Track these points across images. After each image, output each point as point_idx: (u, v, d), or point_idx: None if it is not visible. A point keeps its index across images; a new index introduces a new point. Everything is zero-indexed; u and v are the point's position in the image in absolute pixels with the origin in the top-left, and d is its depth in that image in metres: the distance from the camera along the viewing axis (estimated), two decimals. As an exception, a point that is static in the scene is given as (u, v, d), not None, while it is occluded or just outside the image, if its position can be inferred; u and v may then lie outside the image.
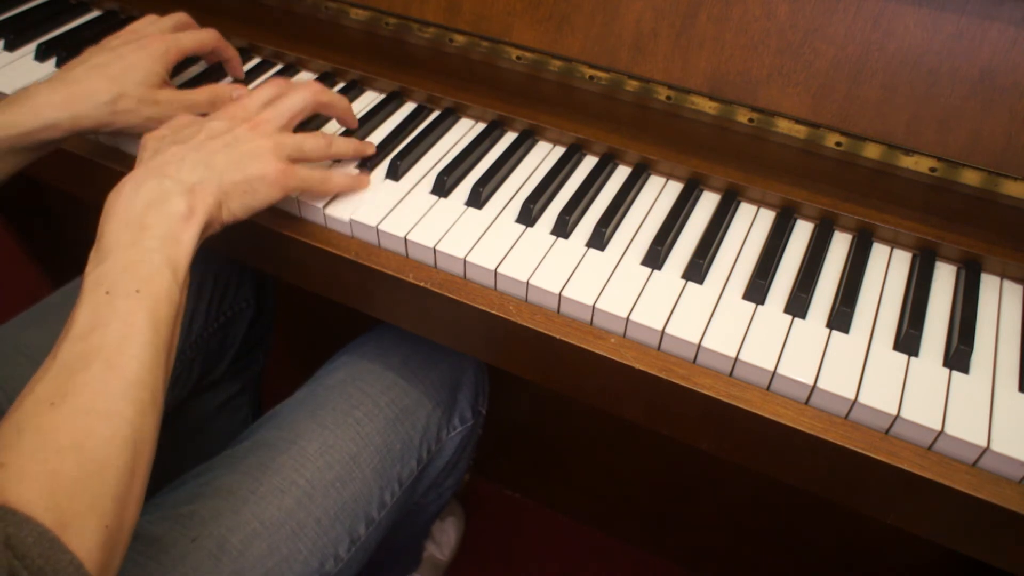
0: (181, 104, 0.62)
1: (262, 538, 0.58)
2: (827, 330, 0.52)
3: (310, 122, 0.66)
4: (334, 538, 0.62)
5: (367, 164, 0.64)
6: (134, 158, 0.56)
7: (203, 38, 0.66)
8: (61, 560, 0.35)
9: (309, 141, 0.57)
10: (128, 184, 0.49)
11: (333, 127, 0.67)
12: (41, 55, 0.75)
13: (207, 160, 0.52)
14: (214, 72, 0.74)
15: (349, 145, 0.62)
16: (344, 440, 0.65)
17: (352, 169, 0.63)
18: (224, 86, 0.65)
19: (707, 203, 0.63)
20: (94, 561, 0.37)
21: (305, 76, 0.75)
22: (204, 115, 0.58)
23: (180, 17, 0.67)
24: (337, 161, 0.64)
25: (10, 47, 0.76)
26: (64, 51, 0.75)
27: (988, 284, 0.56)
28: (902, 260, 0.59)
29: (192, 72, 0.74)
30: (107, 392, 0.41)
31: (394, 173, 0.63)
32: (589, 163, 0.66)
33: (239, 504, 0.59)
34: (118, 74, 0.59)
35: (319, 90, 0.59)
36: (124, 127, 0.60)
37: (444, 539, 1.15)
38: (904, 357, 0.51)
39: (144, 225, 0.47)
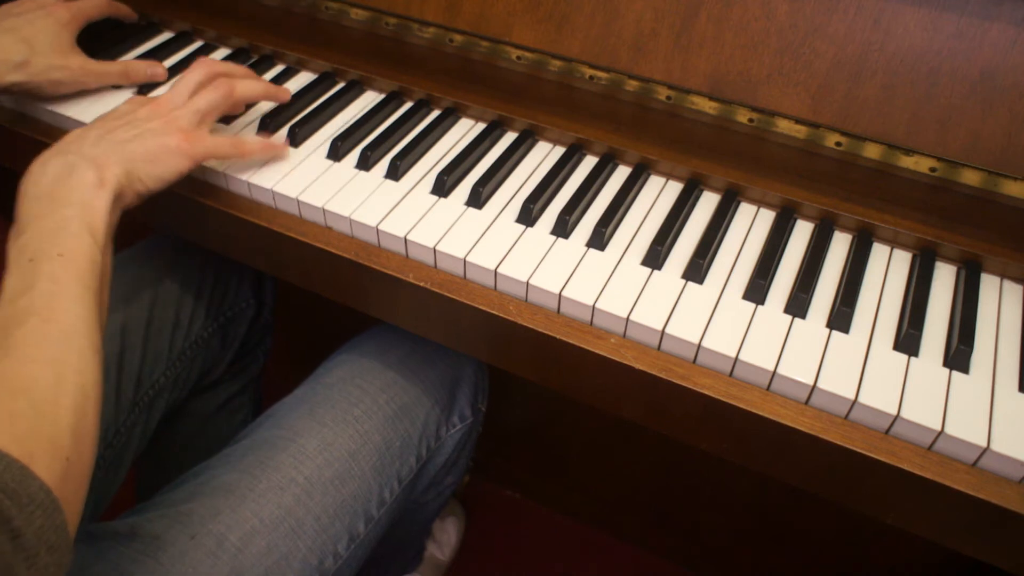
0: (91, 72, 0.66)
1: (261, 536, 0.58)
2: (827, 330, 0.52)
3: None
4: (333, 536, 0.62)
5: (366, 164, 0.64)
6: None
7: (99, 3, 0.71)
8: (32, 485, 0.37)
9: (202, 97, 0.59)
10: (36, 165, 0.52)
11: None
12: None
13: (108, 136, 0.55)
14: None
15: (255, 85, 0.64)
16: (343, 438, 0.65)
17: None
18: (139, 62, 0.70)
19: (707, 203, 0.63)
20: (59, 489, 0.39)
21: (305, 76, 0.75)
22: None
23: None
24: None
25: None
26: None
27: (988, 284, 0.56)
28: (902, 260, 0.59)
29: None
30: (46, 342, 0.43)
31: (394, 173, 0.63)
32: (589, 163, 0.66)
33: (238, 502, 0.59)
34: (28, 37, 0.63)
35: (214, 63, 0.62)
36: (32, 89, 0.64)
37: (444, 539, 1.15)
38: (904, 357, 0.51)
39: (55, 196, 0.50)
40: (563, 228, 0.58)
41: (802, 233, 0.60)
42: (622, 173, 0.65)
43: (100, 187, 0.51)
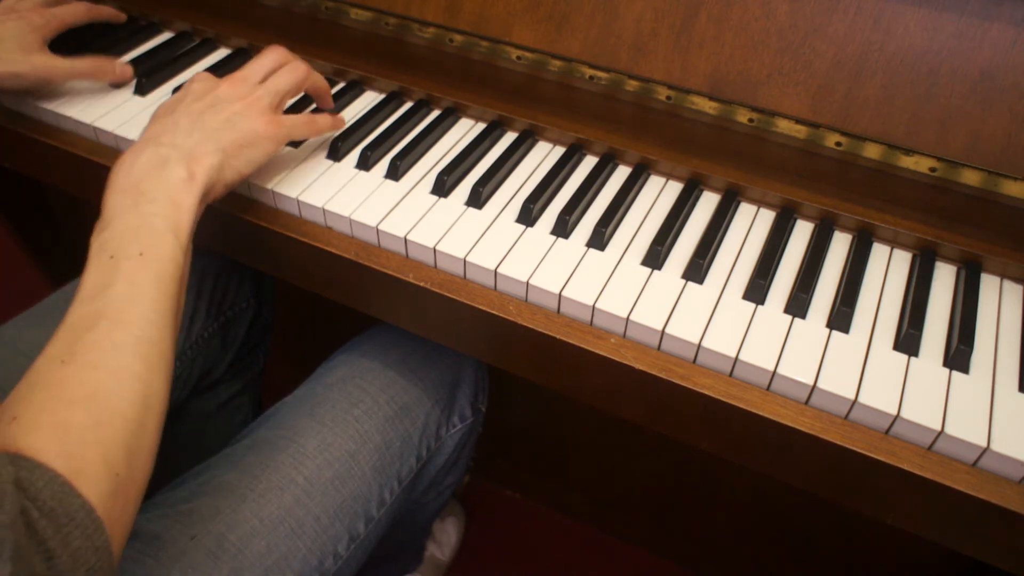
0: (55, 67, 0.67)
1: (261, 536, 0.58)
2: (827, 330, 0.52)
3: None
4: (333, 536, 0.62)
5: (366, 165, 0.64)
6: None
7: (76, 10, 0.72)
8: (73, 503, 0.36)
9: (281, 77, 0.60)
10: (128, 155, 0.51)
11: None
12: None
13: (199, 123, 0.54)
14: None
15: (322, 79, 0.65)
16: (343, 438, 0.65)
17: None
18: (109, 60, 0.70)
19: (707, 203, 0.63)
20: (105, 507, 0.38)
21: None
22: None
23: None
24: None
25: None
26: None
27: (988, 284, 0.56)
28: (902, 260, 0.59)
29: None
30: (114, 349, 0.42)
31: (394, 173, 0.63)
32: (589, 163, 0.66)
33: (238, 502, 0.59)
34: None
35: (286, 51, 0.63)
36: None
37: (445, 539, 1.15)
38: (904, 357, 0.51)
39: (143, 191, 0.49)
40: (563, 228, 0.58)
41: (802, 233, 0.60)
42: (622, 173, 0.65)
43: (190, 182, 0.50)
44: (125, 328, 0.43)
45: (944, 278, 0.57)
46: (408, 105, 0.72)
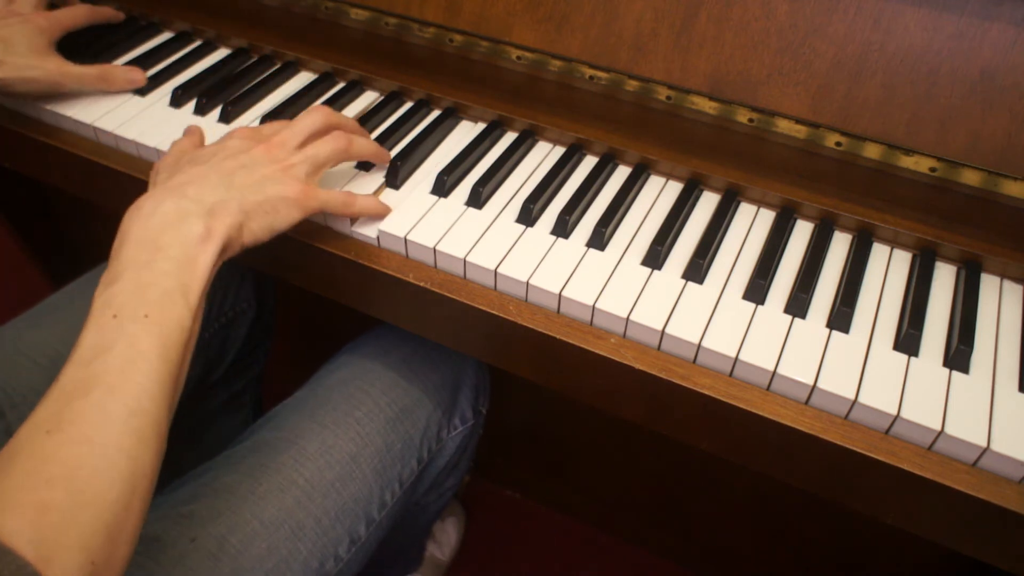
0: (68, 74, 0.67)
1: (261, 538, 0.58)
2: (827, 330, 0.52)
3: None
4: (334, 538, 0.62)
5: (366, 166, 0.64)
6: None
7: (76, 13, 0.72)
8: None
9: (323, 147, 0.56)
10: (147, 203, 0.48)
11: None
12: None
13: (227, 180, 0.51)
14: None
15: (369, 145, 0.60)
16: (344, 440, 0.65)
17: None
18: (118, 67, 0.70)
19: (707, 203, 0.63)
20: None
21: (305, 76, 0.75)
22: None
23: None
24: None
25: None
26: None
27: (988, 284, 0.56)
28: (902, 260, 0.59)
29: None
30: (106, 421, 0.40)
31: (394, 174, 0.63)
32: (589, 163, 0.66)
33: (239, 504, 0.59)
34: (5, 38, 0.64)
35: (331, 113, 0.59)
36: (6, 87, 0.65)
37: (445, 539, 1.15)
38: (904, 357, 0.51)
39: (159, 246, 0.46)
40: (563, 228, 0.58)
41: (802, 233, 0.60)
42: (622, 173, 0.65)
43: (206, 241, 0.47)
44: (119, 398, 0.40)
45: (944, 278, 0.57)
46: (408, 105, 0.71)
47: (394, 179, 0.63)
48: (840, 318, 0.52)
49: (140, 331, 0.43)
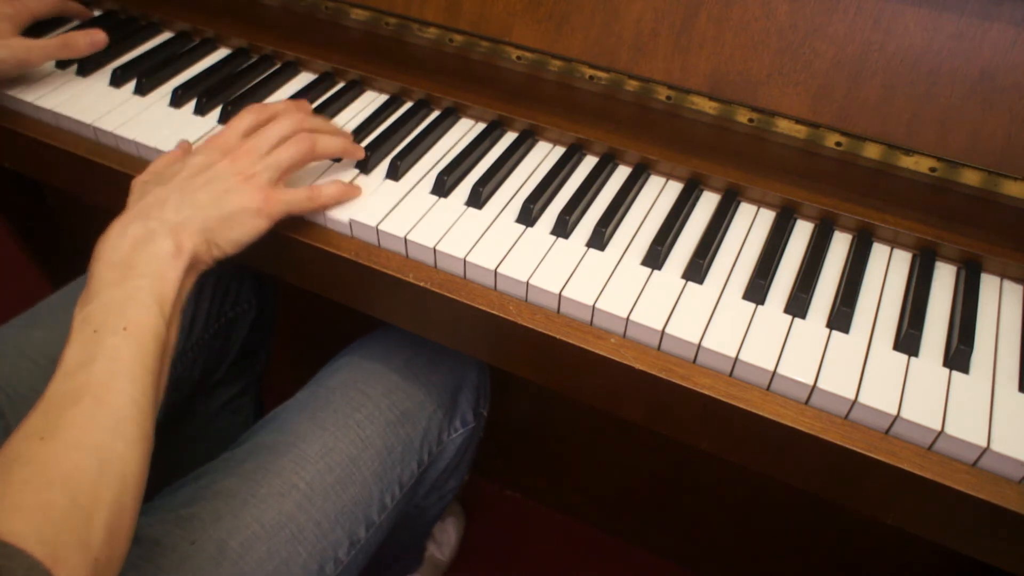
0: (32, 48, 0.67)
1: (262, 541, 0.58)
2: (827, 330, 0.52)
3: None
4: (334, 541, 0.62)
5: (366, 167, 0.64)
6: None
7: (44, 1, 0.73)
8: None
9: (284, 152, 0.57)
10: (115, 227, 0.51)
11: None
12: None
13: (190, 199, 0.53)
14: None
15: (335, 143, 0.60)
16: (344, 443, 0.65)
17: (350, 173, 0.63)
18: (77, 32, 0.70)
19: (707, 203, 0.63)
20: None
21: (305, 76, 0.75)
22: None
23: None
24: (335, 161, 0.63)
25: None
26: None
27: (988, 284, 0.56)
28: (902, 260, 0.59)
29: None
30: (96, 427, 0.42)
31: (394, 173, 0.63)
32: (589, 163, 0.66)
33: (239, 507, 0.59)
34: None
35: (302, 118, 0.59)
36: None
37: (444, 539, 1.15)
38: (904, 357, 0.51)
39: (131, 265, 0.49)
40: (563, 228, 0.58)
41: (802, 233, 0.60)
42: (622, 173, 0.65)
43: (176, 257, 0.50)
44: (107, 406, 0.43)
45: (944, 278, 0.57)
46: (408, 105, 0.71)
47: (394, 175, 0.63)
48: (840, 318, 0.52)
49: (120, 343, 0.45)
